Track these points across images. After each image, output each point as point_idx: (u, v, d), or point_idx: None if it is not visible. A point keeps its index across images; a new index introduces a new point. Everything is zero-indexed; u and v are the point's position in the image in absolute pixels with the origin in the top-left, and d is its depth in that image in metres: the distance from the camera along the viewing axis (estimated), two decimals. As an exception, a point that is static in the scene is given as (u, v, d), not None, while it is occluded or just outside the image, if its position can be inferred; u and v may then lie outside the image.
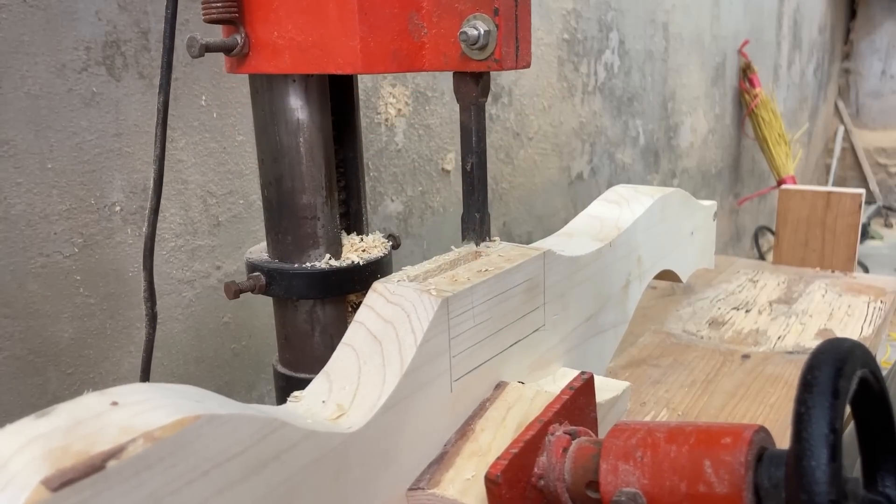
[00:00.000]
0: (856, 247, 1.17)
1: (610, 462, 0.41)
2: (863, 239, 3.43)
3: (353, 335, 0.47)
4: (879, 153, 4.17)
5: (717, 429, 0.39)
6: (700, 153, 2.26)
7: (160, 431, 0.29)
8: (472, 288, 0.49)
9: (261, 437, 0.34)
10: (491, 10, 0.47)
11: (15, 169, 0.64)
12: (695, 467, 0.38)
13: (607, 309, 0.71)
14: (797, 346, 0.89)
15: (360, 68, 0.48)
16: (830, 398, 0.33)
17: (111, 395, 0.31)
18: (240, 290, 0.56)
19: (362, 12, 0.47)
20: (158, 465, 0.29)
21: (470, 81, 0.51)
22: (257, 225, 0.85)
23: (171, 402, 0.32)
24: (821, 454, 0.32)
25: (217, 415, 0.32)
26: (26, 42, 0.63)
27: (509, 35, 0.48)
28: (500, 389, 0.53)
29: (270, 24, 0.50)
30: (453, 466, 0.46)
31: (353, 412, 0.42)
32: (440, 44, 0.49)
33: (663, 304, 1.05)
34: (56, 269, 0.68)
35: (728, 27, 2.31)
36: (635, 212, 0.76)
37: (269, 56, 0.51)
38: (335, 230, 0.57)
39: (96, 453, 0.28)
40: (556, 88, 1.42)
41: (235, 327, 0.85)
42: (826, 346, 0.36)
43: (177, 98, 0.75)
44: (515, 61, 0.49)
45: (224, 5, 0.50)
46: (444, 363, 0.47)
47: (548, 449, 0.45)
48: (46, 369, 0.68)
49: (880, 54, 4.12)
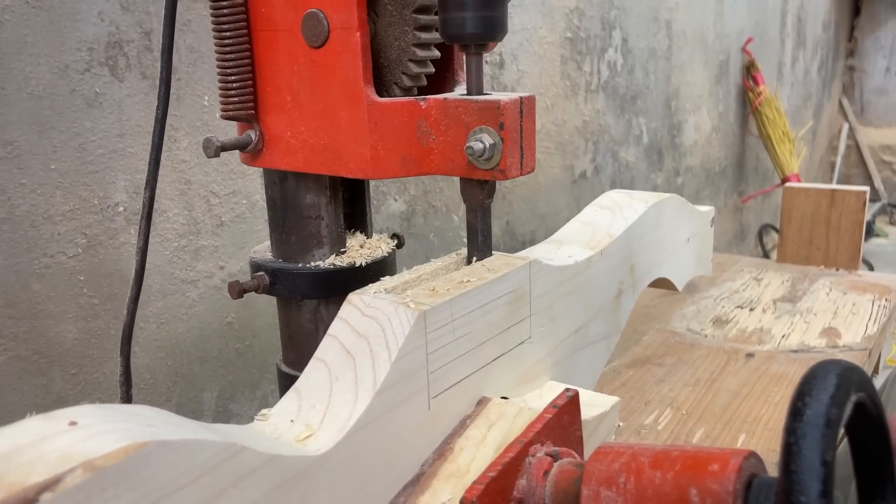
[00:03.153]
0: (860, 245, 1.17)
1: (592, 488, 0.39)
2: (867, 237, 3.42)
3: (325, 350, 0.45)
4: (884, 150, 4.16)
5: (705, 454, 0.37)
6: (704, 151, 2.25)
7: (102, 460, 0.27)
8: (451, 300, 0.46)
9: (217, 463, 0.32)
10: (496, 124, 0.48)
11: (19, 170, 0.64)
12: (680, 495, 0.36)
13: (598, 320, 0.68)
14: (801, 344, 0.88)
15: (370, 174, 0.49)
16: (822, 428, 0.31)
17: (56, 418, 0.29)
18: (244, 290, 0.56)
19: (373, 121, 0.48)
20: (99, 497, 0.27)
21: (476, 186, 0.52)
22: (260, 225, 0.86)
23: (120, 426, 0.30)
24: (811, 489, 0.30)
25: (166, 441, 0.30)
26: (29, 43, 0.63)
27: (514, 146, 0.49)
28: (482, 406, 0.50)
29: (284, 124, 0.52)
30: (430, 489, 0.44)
31: (321, 433, 0.40)
32: (447, 151, 0.50)
33: (667, 302, 1.05)
34: (60, 269, 0.68)
35: (731, 25, 2.31)
36: (628, 218, 0.74)
37: (282, 154, 0.53)
38: (339, 230, 0.57)
39: (31, 484, 0.26)
40: (560, 87, 1.42)
41: (239, 327, 0.85)
42: (818, 369, 0.33)
43: (180, 98, 0.75)
44: (520, 170, 0.50)
45: (241, 103, 0.52)
46: (421, 379, 0.45)
47: (528, 471, 0.43)
48: (51, 369, 0.68)
49: (885, 51, 4.10)
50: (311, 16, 0.48)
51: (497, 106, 0.48)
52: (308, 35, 0.49)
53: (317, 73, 0.50)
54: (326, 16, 0.48)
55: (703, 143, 2.24)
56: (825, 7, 3.55)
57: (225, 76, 0.52)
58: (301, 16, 0.49)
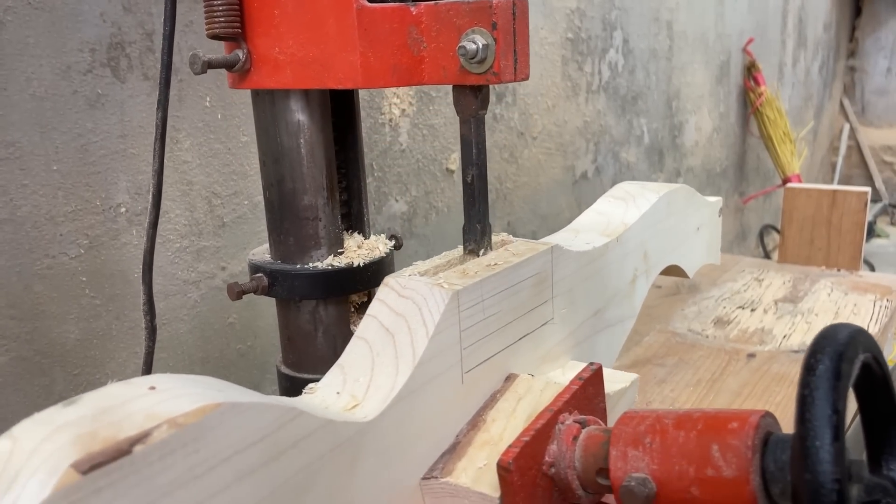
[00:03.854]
0: (861, 245, 1.17)
1: (619, 448, 0.42)
2: (868, 237, 3.41)
3: (365, 328, 0.48)
4: (885, 151, 4.15)
5: (724, 415, 0.40)
6: (705, 152, 2.25)
7: (183, 418, 0.30)
8: (481, 282, 0.50)
9: (279, 426, 0.35)
10: (489, 24, 0.47)
11: (21, 170, 0.64)
12: (703, 452, 0.39)
13: (615, 304, 0.72)
14: (803, 344, 0.88)
15: (360, 83, 0.49)
16: (833, 381, 0.34)
17: (135, 384, 0.32)
18: (242, 292, 0.56)
19: (362, 28, 0.48)
20: (182, 451, 0.30)
21: (469, 94, 0.51)
22: (262, 226, 0.86)
23: (194, 391, 0.33)
24: (824, 434, 0.33)
25: (237, 403, 0.33)
26: (31, 44, 0.63)
27: (507, 48, 0.48)
28: (510, 381, 0.53)
29: (272, 40, 0.51)
30: (465, 456, 0.47)
31: (367, 403, 0.43)
32: (439, 57, 0.50)
33: (668, 303, 1.05)
34: (62, 270, 0.68)
35: (732, 25, 2.31)
36: (641, 207, 0.77)
37: (270, 71, 0.52)
38: (337, 231, 0.58)
39: (123, 438, 0.29)
40: (561, 88, 1.42)
41: (241, 328, 0.85)
42: (829, 330, 0.36)
43: (181, 99, 0.76)
44: (514, 74, 0.49)
45: (227, 21, 0.51)
46: (455, 355, 0.48)
47: (558, 437, 0.46)
48: (52, 370, 0.69)
49: (886, 52, 4.10)
50: None
51: (490, 5, 0.47)
52: None
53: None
54: None
55: (704, 143, 2.24)
56: (826, 7, 3.54)
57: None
58: None
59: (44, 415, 0.30)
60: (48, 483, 0.26)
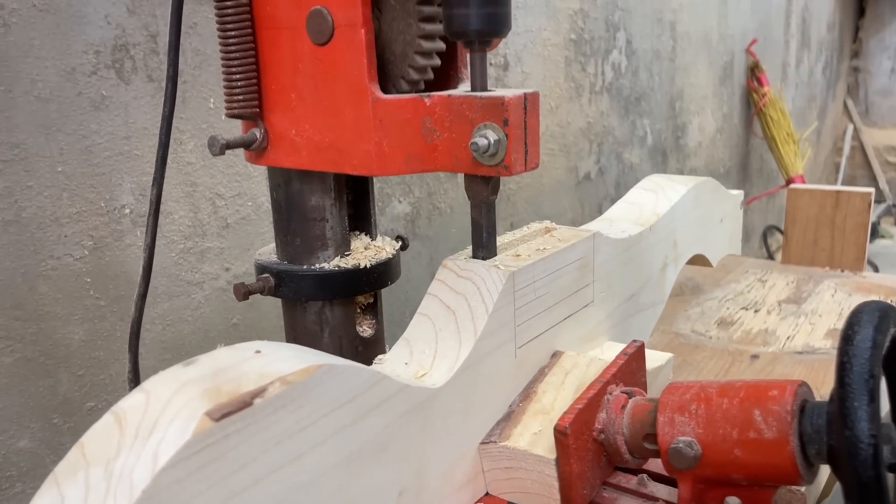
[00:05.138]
0: (865, 246, 1.17)
1: (667, 415, 0.45)
2: (872, 238, 3.41)
3: (427, 306, 0.52)
4: (889, 151, 4.14)
5: (765, 384, 0.44)
6: (708, 152, 2.25)
7: (293, 376, 0.35)
8: (533, 264, 0.53)
9: (368, 387, 0.40)
10: (501, 120, 0.48)
11: (26, 172, 0.64)
12: (745, 417, 0.42)
13: (647, 289, 0.76)
14: (806, 346, 0.88)
15: (374, 170, 0.50)
16: (870, 349, 0.37)
17: (243, 349, 0.37)
18: (249, 292, 0.56)
19: (377, 118, 0.49)
20: (291, 405, 0.35)
21: (481, 182, 0.52)
22: (266, 227, 0.86)
23: (294, 354, 0.37)
24: (862, 395, 0.36)
25: (335, 364, 0.37)
26: (36, 46, 0.64)
27: (518, 143, 0.49)
28: (557, 357, 0.58)
29: (288, 122, 0.52)
30: (521, 423, 0.52)
31: (434, 372, 0.48)
32: (452, 148, 0.50)
33: (672, 304, 1.05)
34: (66, 271, 0.68)
35: (736, 26, 2.30)
36: (671, 198, 0.81)
37: (287, 151, 0.53)
38: (343, 232, 0.58)
39: (245, 392, 0.33)
40: (564, 89, 1.42)
41: (245, 329, 0.85)
42: (864, 306, 0.40)
43: (186, 101, 0.76)
44: (524, 165, 0.50)
45: (245, 101, 0.52)
46: (509, 331, 0.52)
47: (607, 406, 0.50)
48: (57, 371, 0.69)
49: (889, 52, 4.10)
50: (316, 13, 0.49)
51: (501, 102, 0.48)
52: (313, 32, 0.49)
53: (321, 70, 0.50)
54: (331, 13, 0.48)
55: (707, 144, 2.23)
56: (829, 8, 3.54)
57: (229, 75, 0.52)
58: (306, 13, 0.49)
59: (168, 373, 0.34)
60: (187, 428, 0.30)
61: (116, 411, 0.33)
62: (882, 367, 0.40)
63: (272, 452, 0.34)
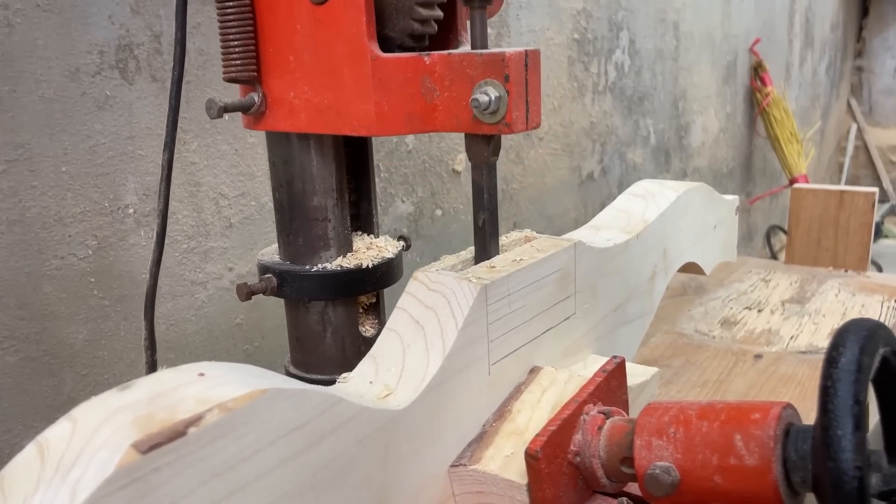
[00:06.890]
0: (869, 246, 1.16)
1: (644, 438, 0.43)
2: (876, 238, 3.40)
3: (396, 321, 0.49)
4: (893, 151, 4.13)
5: (747, 406, 0.41)
6: (711, 152, 2.25)
7: (233, 402, 0.32)
8: (508, 276, 0.51)
9: (320, 412, 0.37)
10: (502, 76, 0.48)
11: (30, 172, 0.64)
12: (726, 441, 0.40)
13: (634, 299, 0.73)
14: (810, 345, 0.88)
15: (374, 131, 0.49)
16: (855, 373, 0.35)
17: (185, 371, 0.34)
18: (252, 292, 0.56)
19: (376, 77, 0.48)
20: (232, 434, 0.32)
21: (482, 142, 0.52)
22: (269, 227, 0.86)
23: (240, 377, 0.35)
24: (846, 424, 0.34)
25: (282, 389, 0.34)
26: (40, 46, 0.64)
27: (519, 100, 0.49)
28: (535, 373, 0.55)
29: (287, 85, 0.52)
30: (493, 444, 0.49)
31: (399, 392, 0.45)
32: (452, 107, 0.50)
33: (675, 304, 1.05)
34: (70, 271, 0.68)
35: (739, 25, 2.30)
36: (661, 205, 0.78)
37: (285, 115, 0.53)
38: (346, 232, 0.58)
39: (179, 420, 0.30)
40: (567, 88, 1.42)
41: (248, 328, 0.85)
42: (850, 324, 0.38)
43: (189, 101, 0.76)
44: (526, 124, 0.50)
45: (243, 65, 0.52)
46: (482, 347, 0.49)
47: (583, 427, 0.47)
48: (61, 371, 0.69)
49: (893, 52, 4.09)
50: None
51: (502, 58, 0.48)
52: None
53: (320, 30, 0.49)
54: None
55: (710, 144, 2.23)
56: (833, 7, 3.53)
57: (226, 37, 0.52)
58: None
59: (100, 398, 0.31)
60: (111, 461, 0.28)
61: (40, 441, 0.30)
62: (874, 387, 0.38)
63: (210, 485, 0.31)
